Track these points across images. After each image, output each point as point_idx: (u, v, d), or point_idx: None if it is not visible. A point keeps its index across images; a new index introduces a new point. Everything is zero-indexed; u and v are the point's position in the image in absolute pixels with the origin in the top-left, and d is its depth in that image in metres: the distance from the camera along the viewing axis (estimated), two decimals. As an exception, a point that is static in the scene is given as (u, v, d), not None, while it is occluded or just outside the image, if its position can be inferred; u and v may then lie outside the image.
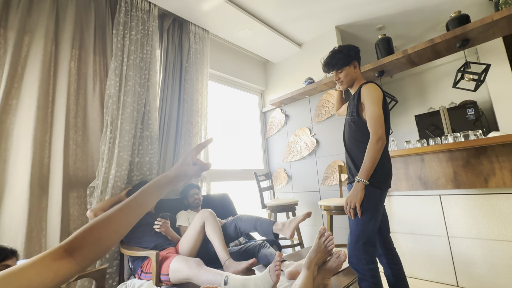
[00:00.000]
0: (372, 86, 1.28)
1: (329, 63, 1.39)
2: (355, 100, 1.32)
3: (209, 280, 1.11)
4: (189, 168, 0.55)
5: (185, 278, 1.22)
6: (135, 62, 1.95)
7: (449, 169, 1.89)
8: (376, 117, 1.19)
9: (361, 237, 1.17)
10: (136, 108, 1.91)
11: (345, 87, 1.42)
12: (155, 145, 1.99)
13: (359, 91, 1.30)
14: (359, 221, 1.18)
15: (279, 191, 3.15)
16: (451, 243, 1.86)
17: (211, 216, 1.52)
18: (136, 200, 0.49)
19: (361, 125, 1.29)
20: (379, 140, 1.17)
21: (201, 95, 2.39)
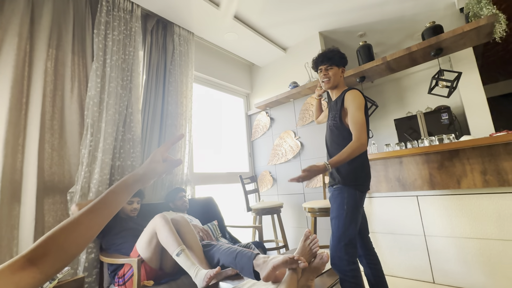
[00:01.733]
0: (356, 92, 1.32)
1: (326, 55, 1.42)
2: (338, 105, 1.36)
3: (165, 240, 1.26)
4: (159, 165, 0.54)
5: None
6: (117, 63, 1.90)
7: (425, 171, 1.98)
8: (360, 123, 1.23)
9: (342, 238, 1.19)
10: (118, 110, 1.86)
11: (329, 86, 1.44)
12: (138, 148, 1.95)
13: (343, 97, 1.34)
14: (341, 223, 1.21)
15: (264, 193, 3.16)
16: (428, 241, 1.95)
17: (161, 221, 1.34)
18: (103, 201, 0.47)
19: (343, 130, 1.33)
20: (361, 145, 1.20)
21: (185, 97, 2.36)
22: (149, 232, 1.36)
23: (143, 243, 1.37)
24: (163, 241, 1.29)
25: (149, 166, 0.54)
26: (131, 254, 1.43)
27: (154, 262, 1.37)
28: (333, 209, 1.29)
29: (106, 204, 0.47)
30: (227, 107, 3.36)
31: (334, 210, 1.27)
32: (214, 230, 2.02)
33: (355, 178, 1.25)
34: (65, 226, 0.42)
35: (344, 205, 1.22)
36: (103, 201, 0.47)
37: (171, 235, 1.29)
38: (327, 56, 1.42)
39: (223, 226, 2.19)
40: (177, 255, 1.24)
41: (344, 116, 1.34)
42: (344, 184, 1.27)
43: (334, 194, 1.31)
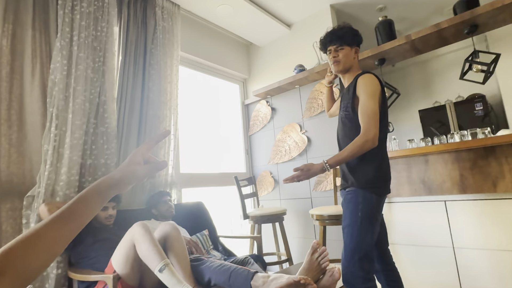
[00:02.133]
0: (369, 77, 1.32)
1: (335, 33, 1.41)
2: (350, 93, 1.35)
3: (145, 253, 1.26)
4: (139, 167, 0.53)
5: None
6: (87, 41, 1.88)
7: (455, 171, 1.99)
8: (371, 113, 1.23)
9: (356, 251, 1.20)
10: (88, 98, 1.85)
11: (339, 70, 1.44)
12: (113, 144, 1.94)
13: (355, 83, 1.34)
14: (355, 233, 1.21)
15: (264, 198, 3.17)
16: (457, 254, 1.97)
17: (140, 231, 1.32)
18: (71, 210, 0.46)
19: (357, 122, 1.32)
20: (369, 140, 1.20)
21: (170, 83, 2.35)
22: (126, 244, 1.35)
23: (120, 257, 1.36)
24: (143, 254, 1.29)
25: (127, 169, 0.53)
26: (106, 269, 1.43)
27: (133, 279, 1.37)
28: (345, 216, 1.29)
29: (74, 213, 0.46)
30: (220, 96, 3.34)
31: (347, 218, 1.27)
32: (204, 241, 2.03)
33: (372, 180, 1.25)
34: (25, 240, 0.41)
35: (358, 212, 1.22)
36: (71, 210, 0.46)
37: (153, 247, 1.29)
38: (337, 34, 1.41)
39: (215, 237, 2.19)
40: (160, 271, 1.24)
41: (357, 105, 1.34)
42: (359, 187, 1.27)
43: (347, 198, 1.31)
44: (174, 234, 1.49)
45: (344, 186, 1.37)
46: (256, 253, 2.17)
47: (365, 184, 1.25)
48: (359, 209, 1.23)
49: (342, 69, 1.43)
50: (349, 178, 1.32)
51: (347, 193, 1.32)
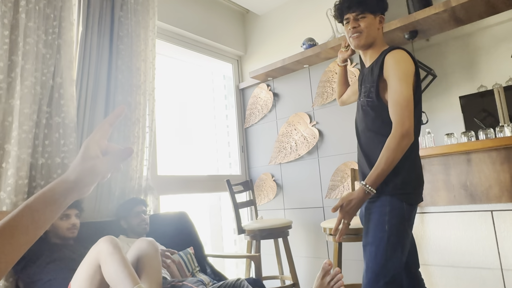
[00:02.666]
0: (401, 54, 1.30)
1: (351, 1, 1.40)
2: (375, 74, 1.34)
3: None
4: (97, 161, 0.52)
5: None
6: (37, 6, 1.86)
7: (505, 174, 1.99)
8: (404, 101, 1.22)
9: (382, 274, 1.20)
10: (39, 80, 1.84)
11: (361, 43, 1.42)
12: (71, 138, 1.94)
13: (382, 61, 1.32)
14: (380, 252, 1.21)
15: (265, 207, 3.17)
16: (505, 277, 1.98)
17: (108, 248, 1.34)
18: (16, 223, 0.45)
19: (383, 110, 1.32)
20: (405, 135, 1.19)
21: (144, 61, 2.34)
22: (90, 264, 1.36)
23: (81, 280, 1.37)
24: (111, 277, 1.30)
25: (83, 166, 0.52)
26: None
27: None
28: (367, 230, 1.30)
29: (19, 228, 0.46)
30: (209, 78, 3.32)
31: (371, 232, 1.27)
32: (188, 261, 2.04)
33: (402, 185, 1.25)
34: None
35: (385, 224, 1.22)
36: (16, 222, 0.46)
37: (123, 269, 1.30)
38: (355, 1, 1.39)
39: (202, 256, 2.20)
40: None
41: (384, 90, 1.33)
42: (385, 194, 1.26)
43: (369, 207, 1.31)
44: (151, 253, 1.50)
45: None
46: (254, 276, 2.17)
47: (393, 190, 1.25)
48: (386, 221, 1.22)
49: (364, 43, 1.42)
50: None
51: (369, 201, 1.32)
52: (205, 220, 3.08)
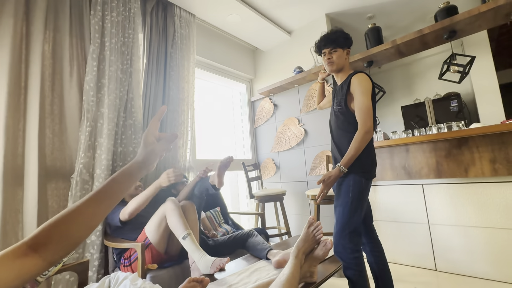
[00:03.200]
0: (363, 76, 1.28)
1: (329, 37, 1.37)
2: (344, 90, 1.32)
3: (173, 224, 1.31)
4: (155, 146, 0.54)
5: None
6: (117, 46, 1.86)
7: (432, 159, 1.96)
8: (366, 109, 1.20)
9: (347, 226, 1.19)
10: (118, 95, 1.84)
11: (334, 69, 1.39)
12: (139, 134, 1.94)
13: (349, 81, 1.30)
14: (346, 211, 1.21)
15: (267, 181, 3.17)
16: (432, 230, 1.96)
17: (171, 206, 1.37)
18: (105, 191, 0.47)
19: (349, 115, 1.30)
20: (367, 132, 1.18)
21: (187, 82, 2.33)
22: (159, 216, 1.39)
23: (153, 226, 1.40)
24: (172, 224, 1.32)
25: (146, 150, 0.53)
26: (139, 237, 1.45)
27: (161, 246, 1.41)
28: (337, 196, 1.29)
29: (108, 193, 0.47)
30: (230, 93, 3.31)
31: (339, 198, 1.26)
32: (216, 216, 2.05)
33: (361, 165, 1.23)
34: (66, 215, 0.42)
35: (349, 193, 1.21)
36: (105, 190, 0.47)
37: (180, 219, 1.32)
38: (331, 38, 1.36)
39: (226, 213, 2.21)
40: (183, 239, 1.26)
41: (350, 101, 1.31)
42: (350, 172, 1.25)
43: (339, 181, 1.30)
44: (191, 210, 1.51)
45: None
46: (260, 227, 2.19)
47: (356, 169, 1.23)
48: (350, 191, 1.21)
49: (335, 69, 1.39)
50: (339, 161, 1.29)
51: (341, 177, 1.30)
52: (227, 190, 3.10)
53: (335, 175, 1.21)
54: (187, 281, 0.70)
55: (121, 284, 0.82)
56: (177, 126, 2.20)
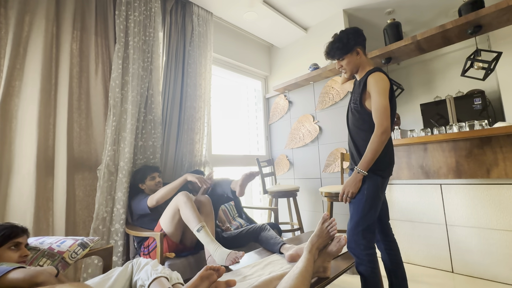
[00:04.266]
0: (379, 75, 1.23)
1: (328, 53, 1.35)
2: (360, 88, 1.29)
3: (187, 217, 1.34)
4: None
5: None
6: (138, 44, 1.92)
7: (451, 158, 1.89)
8: (382, 109, 1.16)
9: (360, 223, 1.18)
10: (139, 91, 1.91)
11: (349, 75, 1.37)
12: (158, 129, 2.00)
13: (365, 80, 1.27)
14: (360, 208, 1.20)
15: (281, 177, 3.18)
16: (449, 231, 1.90)
17: (183, 199, 1.40)
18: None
19: (364, 114, 1.27)
20: (383, 132, 1.15)
21: (204, 79, 2.37)
22: (172, 208, 1.43)
23: (167, 218, 1.44)
24: (185, 217, 1.36)
25: None
26: (155, 228, 1.52)
27: (176, 237, 1.45)
28: None
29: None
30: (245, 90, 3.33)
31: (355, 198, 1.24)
32: (231, 210, 2.09)
33: (378, 163, 1.21)
34: None
35: (364, 190, 1.20)
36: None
37: (193, 212, 1.35)
38: (330, 54, 1.34)
39: (240, 207, 2.25)
40: (198, 231, 1.30)
41: (365, 99, 1.27)
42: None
43: None
44: (207, 204, 1.54)
45: (352, 167, 1.33)
46: (273, 221, 2.21)
47: (372, 167, 1.21)
48: (365, 189, 1.20)
49: (350, 74, 1.37)
50: (357, 161, 1.28)
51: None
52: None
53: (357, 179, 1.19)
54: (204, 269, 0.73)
55: (143, 269, 0.87)
56: (194, 122, 2.25)
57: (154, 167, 1.81)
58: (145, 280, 0.81)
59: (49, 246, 1.09)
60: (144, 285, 0.81)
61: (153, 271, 0.84)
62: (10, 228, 0.93)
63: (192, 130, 2.23)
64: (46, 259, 1.04)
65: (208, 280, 0.72)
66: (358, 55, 1.32)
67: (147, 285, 0.80)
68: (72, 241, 1.14)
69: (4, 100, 1.42)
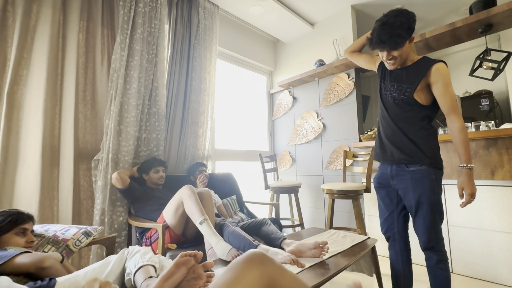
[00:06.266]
0: (445, 67, 1.14)
1: (385, 42, 1.09)
2: (416, 79, 1.16)
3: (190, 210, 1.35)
4: None
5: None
6: (143, 36, 1.92)
7: (455, 159, 1.88)
8: (455, 100, 1.11)
9: (438, 219, 1.15)
10: (143, 84, 1.91)
11: (396, 66, 1.20)
12: (162, 122, 2.01)
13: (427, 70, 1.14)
14: (437, 204, 1.15)
15: (283, 173, 3.19)
16: (450, 231, 1.89)
17: (187, 192, 1.41)
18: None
19: (414, 105, 1.17)
20: (464, 125, 1.09)
21: (209, 73, 2.36)
22: (176, 201, 1.45)
23: (170, 210, 1.46)
24: (188, 210, 1.37)
25: None
26: (158, 220, 1.54)
27: (178, 229, 1.48)
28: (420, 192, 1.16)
29: None
30: (249, 85, 3.32)
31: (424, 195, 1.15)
32: (232, 204, 2.10)
33: (438, 157, 1.16)
34: None
35: (434, 189, 1.14)
36: None
37: (196, 205, 1.36)
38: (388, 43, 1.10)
39: (241, 201, 2.26)
40: (200, 224, 1.31)
41: (419, 91, 1.16)
42: (430, 165, 1.15)
43: (415, 177, 1.17)
44: (208, 197, 1.56)
45: (405, 162, 1.20)
46: (274, 217, 2.22)
47: (435, 162, 1.15)
48: (434, 186, 1.14)
49: (398, 65, 1.21)
50: (417, 155, 1.17)
51: (415, 172, 1.17)
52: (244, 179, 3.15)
53: (471, 176, 1.07)
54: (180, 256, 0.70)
55: (133, 256, 0.88)
56: (198, 116, 2.25)
57: (162, 161, 1.83)
58: (132, 268, 0.82)
59: (54, 233, 1.11)
60: (131, 273, 0.82)
61: (140, 259, 0.84)
62: (17, 214, 0.95)
63: (195, 123, 2.24)
64: (51, 246, 1.06)
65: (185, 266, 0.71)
66: (410, 43, 1.17)
67: (133, 273, 0.81)
68: (76, 230, 1.17)
69: (11, 89, 1.44)
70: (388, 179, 1.28)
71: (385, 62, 1.22)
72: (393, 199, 1.30)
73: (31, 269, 0.75)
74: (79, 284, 0.73)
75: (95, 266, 0.82)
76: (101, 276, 0.80)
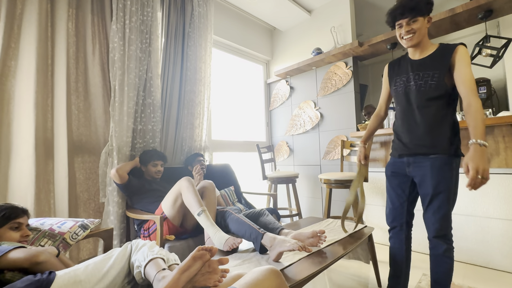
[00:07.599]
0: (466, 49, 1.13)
1: (407, 5, 1.11)
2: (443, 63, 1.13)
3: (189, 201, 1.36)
4: None
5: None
6: (136, 24, 1.86)
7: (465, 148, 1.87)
8: (474, 83, 1.08)
9: (451, 211, 1.14)
10: (138, 74, 1.86)
11: (414, 42, 1.16)
12: (158, 113, 1.98)
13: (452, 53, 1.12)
14: (451, 197, 1.13)
15: (280, 163, 3.19)
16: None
17: (186, 184, 1.42)
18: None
19: (442, 89, 1.13)
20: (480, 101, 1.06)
21: (204, 63, 2.31)
22: (175, 193, 1.45)
23: (169, 202, 1.46)
24: (187, 201, 1.37)
25: None
26: (156, 211, 1.53)
27: (177, 220, 1.48)
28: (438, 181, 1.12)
29: None
30: (246, 75, 3.26)
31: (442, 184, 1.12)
32: (230, 195, 2.10)
33: (458, 146, 1.13)
34: None
35: (453, 178, 1.11)
36: None
37: (194, 197, 1.36)
38: (409, 6, 1.11)
39: (239, 192, 2.26)
40: (198, 215, 1.31)
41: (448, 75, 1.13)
42: (450, 154, 1.12)
43: (436, 164, 1.13)
44: (210, 188, 1.55)
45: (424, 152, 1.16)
46: (272, 207, 2.23)
47: (454, 151, 1.13)
48: (453, 175, 1.11)
49: (415, 43, 1.16)
50: (437, 144, 1.13)
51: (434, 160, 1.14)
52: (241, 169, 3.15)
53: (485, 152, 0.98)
54: (197, 249, 0.73)
55: (140, 250, 0.88)
56: (194, 106, 2.22)
57: (162, 155, 1.81)
58: (141, 261, 0.82)
59: (50, 227, 1.10)
60: (140, 266, 0.82)
61: (149, 252, 0.85)
62: (11, 208, 0.94)
63: (192, 114, 2.21)
64: (47, 240, 1.05)
65: (201, 260, 0.72)
66: (428, 23, 1.16)
67: (143, 266, 0.81)
68: (72, 223, 1.16)
69: (0, 81, 1.39)
70: (404, 166, 1.24)
71: (401, 40, 1.19)
72: (406, 189, 1.26)
73: (26, 264, 0.74)
74: (79, 278, 0.73)
75: (97, 259, 0.82)
76: (103, 269, 0.79)
